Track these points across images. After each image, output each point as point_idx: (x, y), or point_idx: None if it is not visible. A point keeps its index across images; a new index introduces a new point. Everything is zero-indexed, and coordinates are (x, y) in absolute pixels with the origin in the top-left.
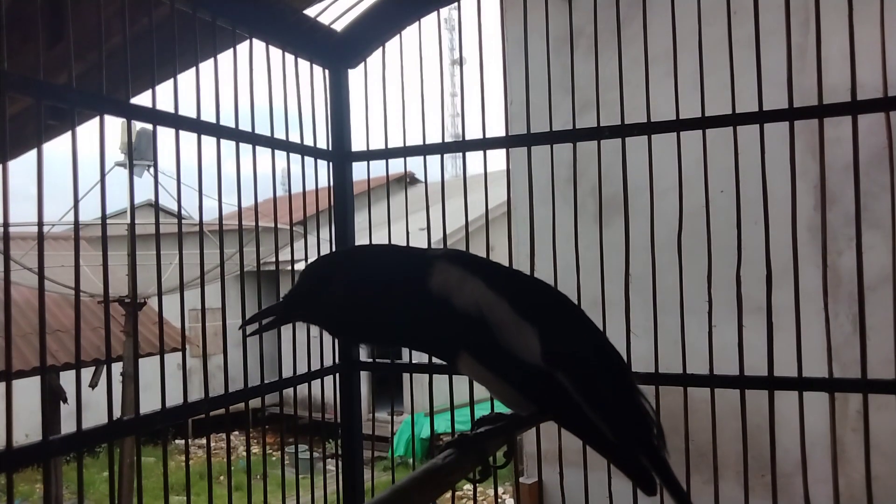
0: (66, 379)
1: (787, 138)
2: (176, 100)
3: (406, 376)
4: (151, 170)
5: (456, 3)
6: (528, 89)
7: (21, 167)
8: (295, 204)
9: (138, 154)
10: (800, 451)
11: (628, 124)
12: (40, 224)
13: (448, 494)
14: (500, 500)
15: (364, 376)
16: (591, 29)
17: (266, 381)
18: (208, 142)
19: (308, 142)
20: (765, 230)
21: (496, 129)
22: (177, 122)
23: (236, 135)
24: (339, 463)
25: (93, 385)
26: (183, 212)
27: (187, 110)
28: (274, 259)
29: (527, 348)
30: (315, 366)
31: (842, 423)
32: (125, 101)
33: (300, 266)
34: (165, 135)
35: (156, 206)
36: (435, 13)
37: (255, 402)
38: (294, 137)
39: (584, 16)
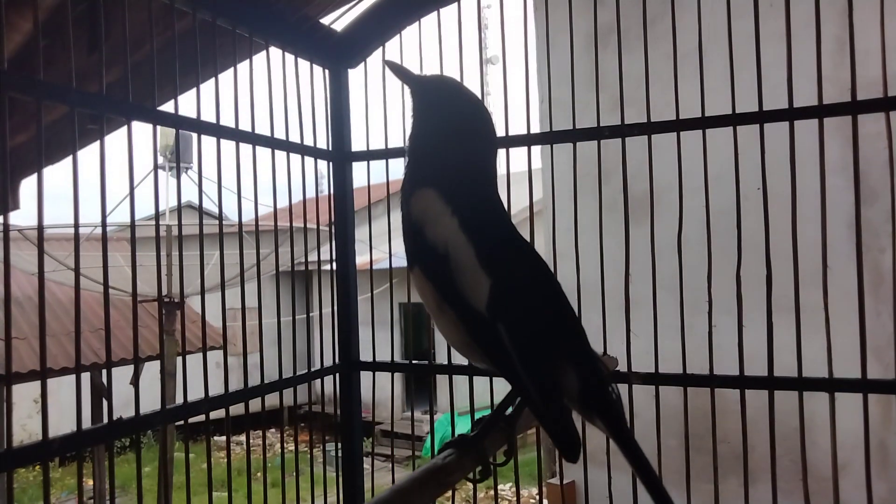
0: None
1: (828, 134)
2: (176, 102)
3: (438, 376)
4: (188, 172)
5: (489, 3)
6: (528, 87)
7: (61, 171)
8: (312, 206)
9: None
10: (801, 451)
11: (628, 124)
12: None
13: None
14: (530, 501)
15: (398, 376)
16: (612, 26)
17: (266, 382)
18: (209, 142)
19: (308, 142)
20: (765, 228)
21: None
22: (176, 122)
23: (236, 135)
24: (339, 463)
25: (133, 382)
26: (215, 212)
27: (187, 110)
28: (303, 260)
29: (476, 295)
30: (315, 366)
31: (885, 426)
32: (126, 102)
33: (327, 268)
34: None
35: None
36: (435, 13)
37: (289, 400)
38: (294, 137)
39: (609, 13)
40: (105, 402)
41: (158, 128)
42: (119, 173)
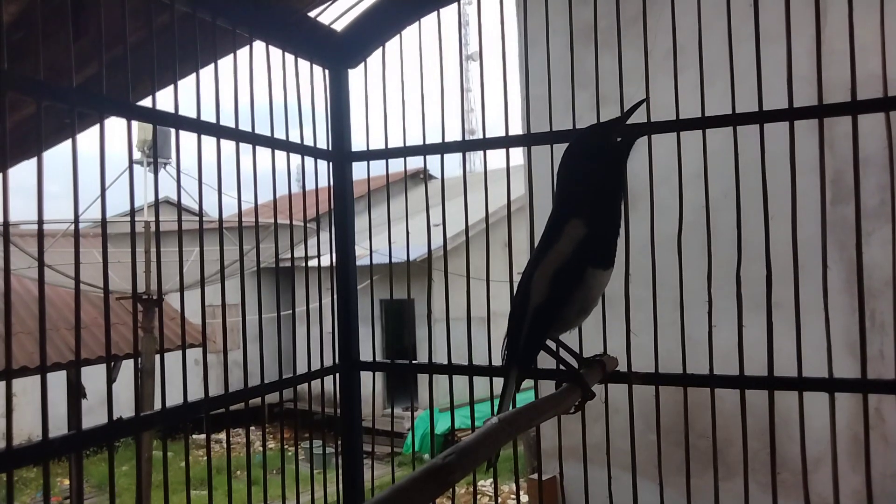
0: (87, 375)
1: (802, 134)
2: (176, 99)
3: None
4: (167, 168)
5: (463, 1)
6: (528, 87)
7: (32, 166)
8: (300, 203)
9: (158, 152)
10: (801, 450)
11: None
12: (40, 222)
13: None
14: (513, 497)
15: (380, 374)
16: (603, 24)
17: (266, 381)
18: (208, 141)
19: (308, 142)
20: (765, 229)
21: (500, 127)
22: (177, 121)
23: (237, 135)
24: (339, 461)
25: (112, 381)
26: (195, 209)
27: (188, 110)
28: (286, 256)
29: None
30: (315, 365)
31: (859, 420)
32: (126, 101)
33: (313, 263)
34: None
35: (156, 206)
36: (435, 13)
37: (272, 398)
38: (294, 137)
39: (594, 11)
40: (103, 401)
41: (136, 122)
42: (95, 169)
